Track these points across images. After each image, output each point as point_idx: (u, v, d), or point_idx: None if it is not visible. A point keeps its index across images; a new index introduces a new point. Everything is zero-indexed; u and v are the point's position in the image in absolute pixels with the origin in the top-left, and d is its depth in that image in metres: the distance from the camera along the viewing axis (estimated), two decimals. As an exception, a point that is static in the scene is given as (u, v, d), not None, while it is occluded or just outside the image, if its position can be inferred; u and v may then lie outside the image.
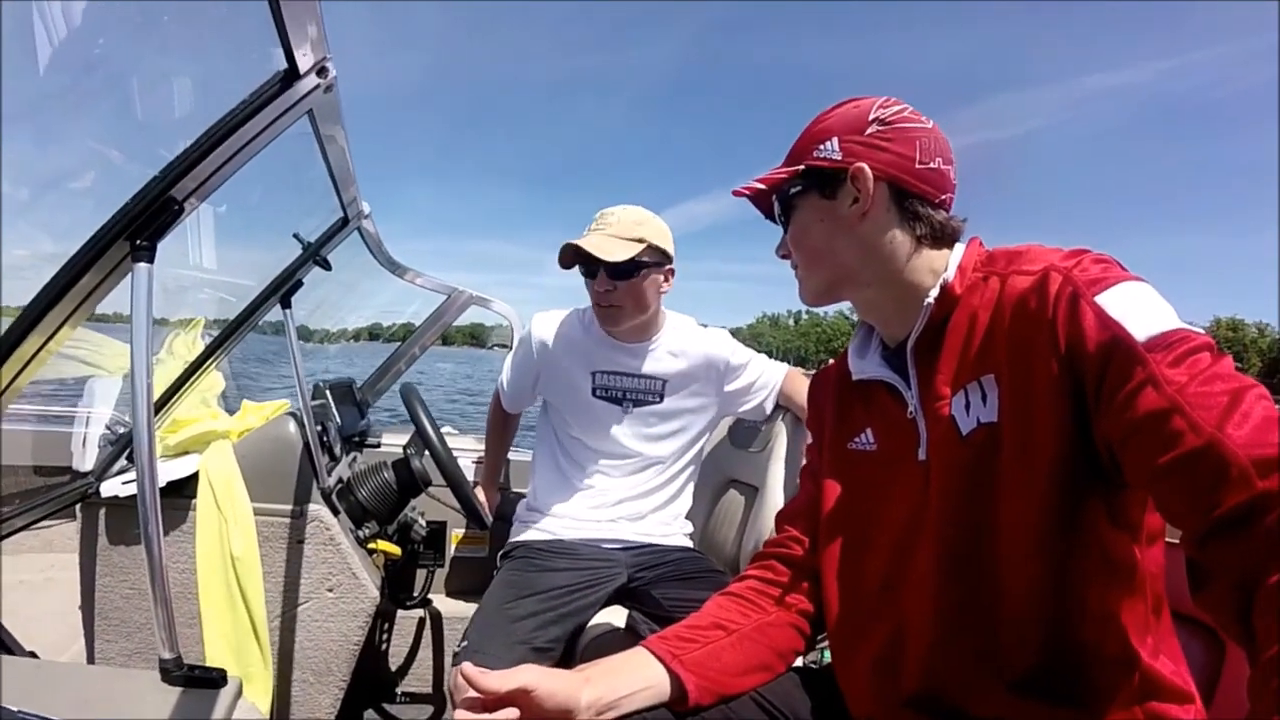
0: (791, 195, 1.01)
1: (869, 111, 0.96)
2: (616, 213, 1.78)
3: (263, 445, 1.83)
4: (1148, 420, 0.69)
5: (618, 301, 1.77)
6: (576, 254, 1.74)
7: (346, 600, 1.81)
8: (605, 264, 1.71)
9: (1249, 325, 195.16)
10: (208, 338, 2.01)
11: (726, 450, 2.18)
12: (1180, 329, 0.73)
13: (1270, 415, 0.64)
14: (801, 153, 1.00)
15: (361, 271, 2.74)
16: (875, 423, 1.04)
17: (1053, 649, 0.84)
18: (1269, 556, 0.57)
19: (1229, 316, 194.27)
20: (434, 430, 1.90)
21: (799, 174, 0.99)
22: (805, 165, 0.99)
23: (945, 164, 0.96)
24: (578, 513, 1.90)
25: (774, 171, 1.02)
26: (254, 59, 1.08)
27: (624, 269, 1.72)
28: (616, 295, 1.76)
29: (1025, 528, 0.82)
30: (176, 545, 1.74)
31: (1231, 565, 0.61)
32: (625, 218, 1.77)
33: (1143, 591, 0.84)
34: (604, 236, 1.73)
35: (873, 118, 0.95)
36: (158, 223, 1.06)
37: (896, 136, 0.94)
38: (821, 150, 0.97)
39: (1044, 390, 0.80)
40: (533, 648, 1.56)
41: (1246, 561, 0.60)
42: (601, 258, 1.68)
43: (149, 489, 1.04)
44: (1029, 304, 0.83)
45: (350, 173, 1.67)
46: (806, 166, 0.99)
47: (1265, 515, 0.59)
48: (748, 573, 1.14)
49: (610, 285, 1.75)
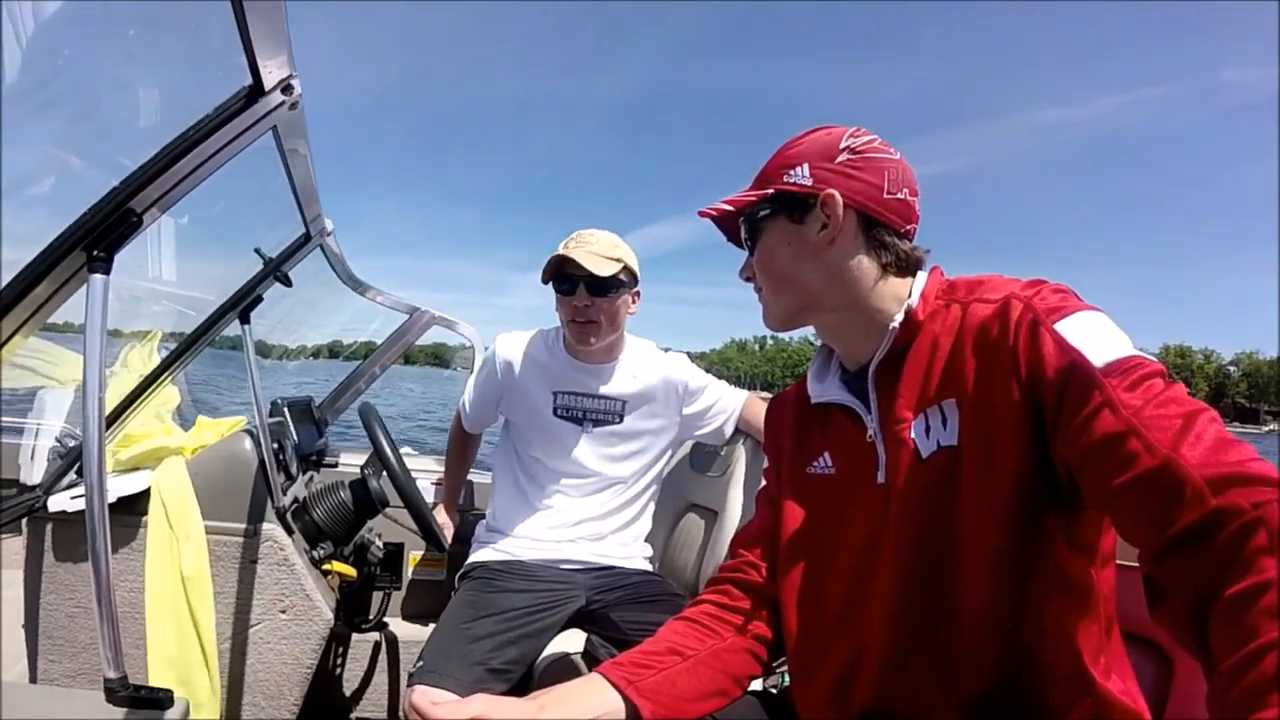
0: (760, 218, 1.02)
1: (840, 140, 0.98)
2: (595, 234, 1.82)
3: (217, 462, 1.79)
4: (1105, 442, 0.71)
5: (594, 317, 1.80)
6: (561, 266, 1.78)
7: (299, 622, 1.77)
8: (588, 279, 1.75)
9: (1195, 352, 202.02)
10: (164, 351, 1.97)
11: (686, 474, 2.19)
12: (1135, 356, 0.75)
13: (1222, 436, 0.66)
14: (771, 177, 1.01)
15: (323, 288, 2.71)
16: (834, 446, 1.05)
17: (1008, 669, 0.85)
18: (1223, 571, 0.59)
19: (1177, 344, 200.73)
20: (392, 451, 1.89)
21: (768, 197, 1.00)
22: (774, 189, 0.99)
23: (911, 195, 0.98)
24: (537, 533, 1.90)
25: (742, 194, 1.02)
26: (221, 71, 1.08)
27: (605, 285, 1.77)
28: (593, 311, 1.79)
29: (985, 549, 0.84)
30: (125, 563, 1.69)
31: (1187, 581, 0.63)
32: (603, 239, 1.81)
33: (1097, 612, 0.86)
34: (587, 253, 1.76)
35: (843, 146, 0.97)
36: (115, 234, 1.05)
37: (866, 166, 0.96)
38: (791, 175, 0.98)
39: (1005, 414, 0.82)
40: (489, 669, 1.55)
41: (1201, 577, 0.61)
42: (592, 270, 1.72)
43: (98, 505, 1.02)
44: (990, 331, 0.86)
45: (314, 189, 1.66)
46: (776, 190, 0.99)
47: (1219, 531, 0.60)
48: (703, 597, 1.14)
49: (589, 301, 1.78)
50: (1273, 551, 0.55)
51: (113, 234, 1.05)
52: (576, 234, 1.83)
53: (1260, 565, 0.55)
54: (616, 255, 1.78)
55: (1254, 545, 0.57)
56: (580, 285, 1.76)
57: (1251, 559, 0.56)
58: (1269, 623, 0.52)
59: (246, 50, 0.98)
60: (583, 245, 1.78)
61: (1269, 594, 0.53)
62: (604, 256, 1.76)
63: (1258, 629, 0.52)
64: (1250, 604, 0.54)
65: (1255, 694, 0.50)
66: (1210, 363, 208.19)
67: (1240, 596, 0.56)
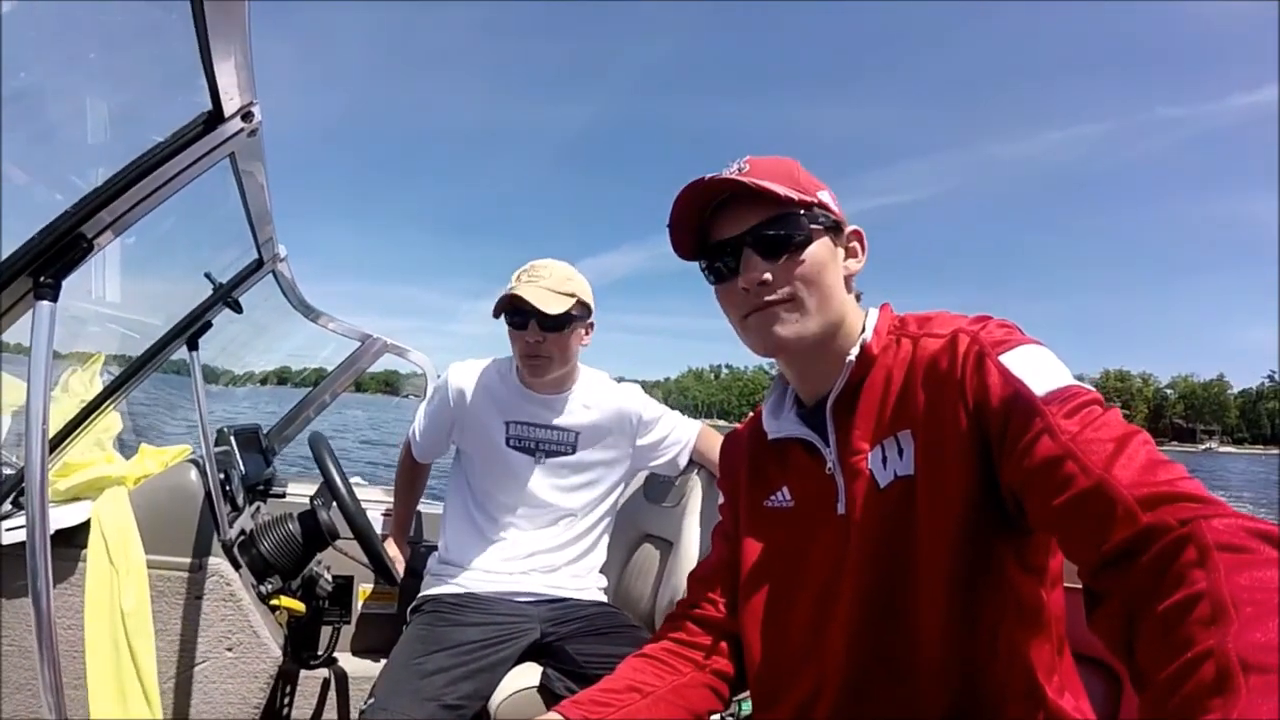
0: (819, 223, 0.96)
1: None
2: (549, 265, 1.81)
3: (161, 493, 1.73)
4: (1044, 465, 0.73)
5: (546, 353, 1.79)
6: (513, 303, 1.76)
7: (247, 660, 1.71)
8: (539, 315, 1.73)
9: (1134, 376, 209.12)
10: (107, 376, 1.90)
11: (640, 504, 2.19)
12: (1074, 385, 0.78)
13: (1154, 457, 0.69)
14: (806, 186, 0.96)
15: (274, 313, 2.66)
16: (792, 480, 1.05)
17: (966, 691, 0.86)
18: (1154, 586, 0.61)
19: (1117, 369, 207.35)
20: (343, 481, 1.85)
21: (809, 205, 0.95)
22: (818, 202, 0.96)
23: None
24: (490, 565, 1.87)
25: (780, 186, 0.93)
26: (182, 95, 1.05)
27: (556, 322, 1.75)
28: (545, 346, 1.78)
29: (939, 574, 0.86)
30: (63, 598, 1.62)
31: (1120, 595, 0.65)
32: (557, 272, 1.80)
33: (1048, 632, 0.88)
34: (539, 289, 1.75)
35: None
36: (64, 260, 1.02)
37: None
38: (823, 194, 0.98)
39: (954, 443, 0.85)
40: (443, 705, 1.52)
41: (1133, 590, 0.64)
42: (540, 308, 1.71)
43: (39, 539, 0.99)
44: (940, 363, 0.88)
45: (268, 214, 1.64)
46: (819, 203, 0.96)
47: (1150, 547, 0.63)
48: (662, 634, 1.14)
49: (540, 336, 1.77)
50: (1202, 565, 0.57)
51: (61, 259, 1.01)
52: (530, 265, 1.82)
53: (1191, 578, 0.57)
54: (569, 290, 1.78)
55: (1184, 560, 0.59)
56: (532, 320, 1.76)
57: (1182, 573, 0.58)
58: (1203, 632, 0.53)
59: (208, 77, 0.97)
60: (535, 280, 1.77)
61: (1201, 604, 0.55)
62: (556, 292, 1.76)
63: (1193, 638, 0.54)
64: (1184, 615, 0.56)
65: (1196, 700, 0.51)
66: (1148, 386, 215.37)
67: (1173, 609, 0.57)
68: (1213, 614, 0.54)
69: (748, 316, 0.97)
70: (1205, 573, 0.57)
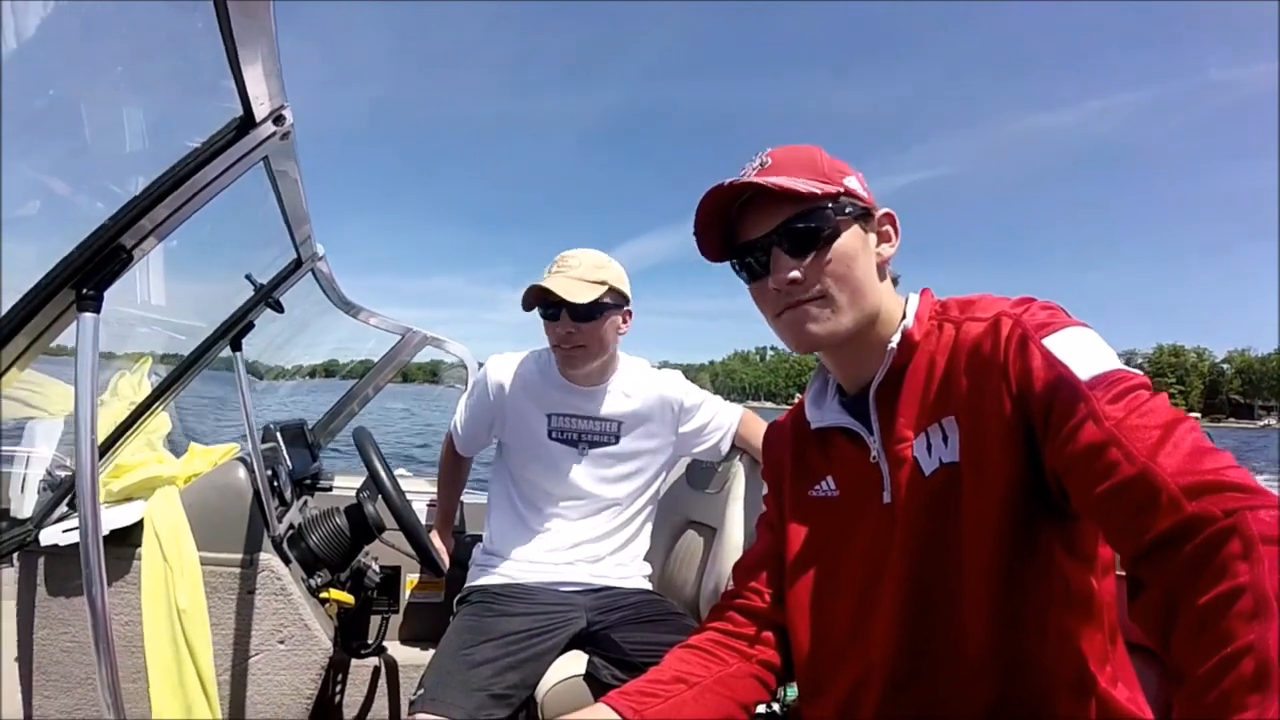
0: (846, 213, 0.93)
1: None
2: (578, 255, 1.79)
3: (211, 492, 1.77)
4: (1087, 452, 0.72)
5: (580, 343, 1.77)
6: (541, 296, 1.75)
7: (299, 652, 1.75)
8: (569, 306, 1.72)
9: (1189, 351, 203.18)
10: (154, 378, 1.95)
11: (684, 491, 2.18)
12: (1120, 369, 0.76)
13: (1200, 445, 0.68)
14: (832, 175, 0.94)
15: (316, 309, 2.69)
16: (836, 470, 1.05)
17: (1014, 681, 0.85)
18: (1195, 577, 0.60)
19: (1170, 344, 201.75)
20: (388, 475, 1.87)
21: (835, 195, 0.93)
22: (844, 190, 0.94)
23: None
24: (534, 556, 1.88)
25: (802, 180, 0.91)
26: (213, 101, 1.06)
27: (587, 311, 1.73)
28: (579, 337, 1.77)
29: (985, 561, 0.84)
30: (120, 596, 1.67)
31: (1160, 585, 0.64)
32: (587, 260, 1.78)
33: (1099, 620, 0.86)
34: (567, 279, 1.73)
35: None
36: (105, 271, 1.03)
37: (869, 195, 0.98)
38: (850, 181, 0.95)
39: (997, 428, 0.83)
40: (491, 694, 1.53)
41: (1174, 581, 0.62)
42: (567, 299, 1.69)
43: (92, 544, 1.01)
44: (983, 348, 0.87)
45: (304, 214, 1.65)
46: (846, 191, 0.94)
47: (1193, 538, 0.61)
48: (707, 624, 1.14)
49: (573, 328, 1.75)
50: (1246, 557, 0.56)
51: (102, 271, 1.03)
52: (560, 256, 1.80)
53: (1233, 570, 0.56)
54: (599, 278, 1.75)
55: (1228, 551, 0.58)
56: (563, 311, 1.74)
57: (1225, 565, 0.57)
58: (1244, 626, 0.53)
59: (237, 83, 0.97)
60: (564, 270, 1.76)
61: (1243, 599, 0.54)
62: (586, 280, 1.74)
63: (1233, 633, 0.53)
64: (1225, 609, 0.55)
65: (1233, 696, 0.50)
66: (1203, 361, 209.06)
67: (1214, 601, 0.56)
68: (1255, 608, 0.53)
69: (780, 314, 0.96)
70: (1249, 565, 0.55)
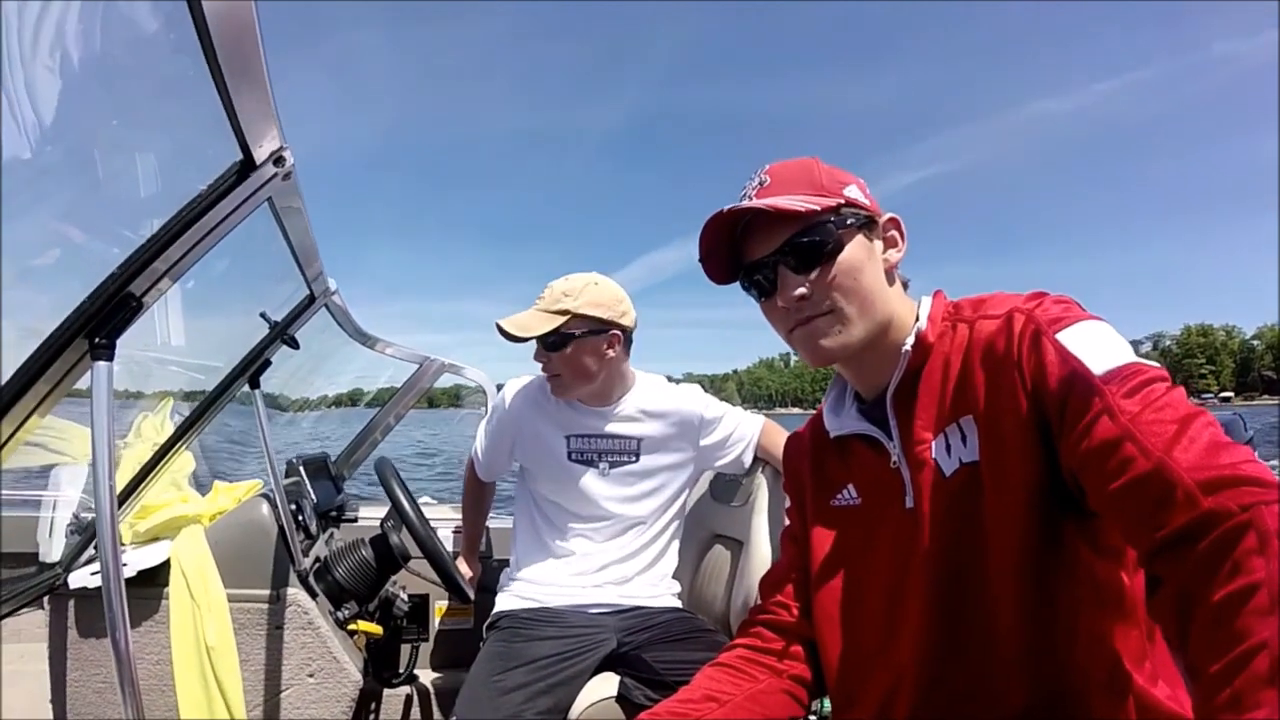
0: (848, 225, 0.93)
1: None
2: (554, 285, 1.81)
3: (235, 529, 1.79)
4: (1103, 447, 0.72)
5: (555, 371, 1.80)
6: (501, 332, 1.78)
7: (329, 685, 1.76)
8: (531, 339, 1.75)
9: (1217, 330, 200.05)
10: (176, 418, 1.97)
11: (708, 505, 2.17)
12: (1135, 363, 0.76)
13: (1217, 440, 0.67)
14: (828, 188, 0.94)
15: (336, 340, 2.71)
16: (856, 478, 1.04)
17: (1048, 681, 0.84)
18: (1210, 573, 0.59)
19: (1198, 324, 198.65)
20: (410, 505, 1.87)
21: (837, 208, 0.93)
22: (845, 201, 0.94)
23: None
24: (562, 579, 1.87)
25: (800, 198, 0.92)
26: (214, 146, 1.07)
27: (551, 342, 1.76)
28: (552, 366, 1.80)
29: (1010, 559, 0.83)
30: (150, 636, 1.69)
31: (1176, 581, 0.63)
32: (555, 290, 1.79)
33: (1135, 617, 0.84)
34: (531, 313, 1.77)
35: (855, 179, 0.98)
36: (115, 320, 1.04)
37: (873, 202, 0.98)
38: (849, 190, 0.95)
39: (1014, 425, 0.83)
40: (527, 712, 1.53)
41: (1189, 578, 0.61)
42: (516, 334, 1.73)
43: (114, 589, 1.02)
44: (997, 345, 0.86)
45: (313, 249, 1.66)
46: (847, 202, 0.94)
47: (1209, 533, 0.61)
48: (736, 642, 1.13)
49: (545, 358, 1.79)
50: (1262, 553, 0.56)
51: (113, 320, 1.04)
52: (547, 286, 1.83)
53: (1249, 566, 0.56)
54: (561, 308, 1.75)
55: (1244, 547, 0.57)
56: (537, 343, 1.78)
57: (1241, 561, 0.57)
58: (1259, 622, 0.52)
59: (234, 128, 0.98)
60: (537, 303, 1.80)
61: (1259, 595, 0.54)
62: (547, 312, 1.75)
63: (1249, 629, 0.52)
64: (1240, 605, 0.54)
65: (1247, 693, 0.50)
66: (1233, 339, 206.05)
67: (1230, 597, 0.56)
68: (1271, 604, 0.52)
69: (793, 331, 0.96)
70: (1265, 561, 0.55)
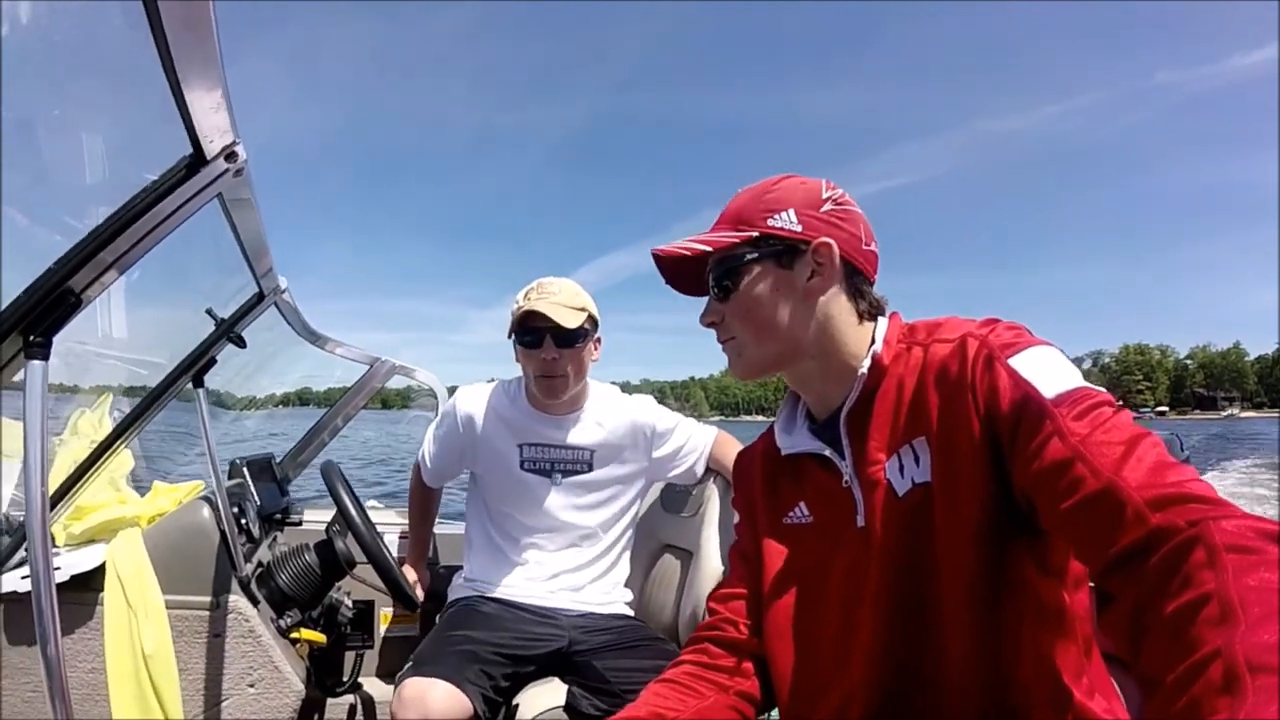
0: (745, 261, 0.98)
1: (820, 190, 0.99)
2: (557, 282, 1.81)
3: (175, 533, 1.73)
4: (1054, 468, 0.74)
5: (563, 370, 1.79)
6: (528, 319, 1.76)
7: (270, 695, 1.71)
8: (554, 331, 1.74)
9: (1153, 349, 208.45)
10: (117, 414, 1.90)
11: (659, 515, 2.16)
12: (1084, 387, 0.78)
13: (1163, 459, 0.70)
14: (751, 220, 0.98)
15: (284, 338, 2.64)
16: (808, 495, 1.04)
17: (994, 698, 0.85)
18: (1162, 587, 0.60)
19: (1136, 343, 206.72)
20: (357, 510, 1.83)
21: (753, 240, 0.98)
22: (761, 232, 0.97)
23: (876, 247, 1.02)
24: (517, 583, 1.87)
25: (718, 235, 0.99)
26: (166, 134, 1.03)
27: (572, 336, 1.76)
28: (562, 364, 1.78)
29: (961, 580, 0.84)
30: (83, 643, 1.63)
31: (1128, 596, 0.65)
32: (566, 288, 1.80)
33: (1073, 634, 0.86)
34: (554, 304, 1.75)
35: (826, 196, 0.98)
36: (53, 317, 1.00)
37: (848, 217, 0.99)
38: (777, 219, 0.97)
39: (967, 447, 0.84)
40: (481, 664, 1.57)
41: (1141, 592, 0.63)
42: (559, 322, 1.72)
43: (45, 595, 0.98)
44: (951, 368, 0.88)
45: (264, 246, 1.62)
46: (761, 234, 0.98)
47: (1159, 549, 0.62)
48: (683, 658, 1.11)
49: (557, 354, 1.77)
50: (1211, 565, 0.57)
51: (50, 316, 1.00)
52: (538, 284, 1.81)
53: (1200, 579, 0.57)
54: (580, 304, 1.78)
55: (1193, 561, 0.59)
56: (547, 337, 1.75)
57: (1191, 574, 0.58)
58: (1211, 632, 0.53)
59: (185, 121, 0.94)
60: (546, 296, 1.77)
61: (1209, 605, 0.54)
62: (570, 307, 1.76)
63: (1201, 639, 0.53)
64: (1192, 616, 0.55)
65: (1203, 701, 0.50)
66: (1168, 357, 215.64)
67: (1181, 609, 0.57)
68: (1221, 614, 0.53)
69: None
70: (1214, 573, 0.56)
